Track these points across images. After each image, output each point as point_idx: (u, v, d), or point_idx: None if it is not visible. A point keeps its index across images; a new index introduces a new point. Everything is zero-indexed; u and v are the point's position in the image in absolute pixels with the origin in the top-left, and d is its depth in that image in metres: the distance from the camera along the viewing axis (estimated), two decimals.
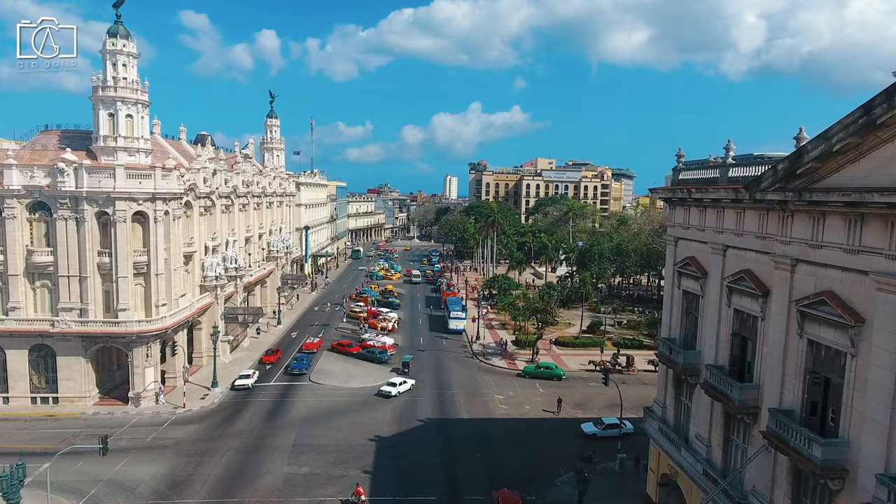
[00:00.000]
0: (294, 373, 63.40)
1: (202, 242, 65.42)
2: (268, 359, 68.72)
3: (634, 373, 66.53)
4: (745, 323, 26.87)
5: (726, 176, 28.46)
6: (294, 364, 65.16)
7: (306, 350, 71.69)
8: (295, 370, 63.78)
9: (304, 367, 64.34)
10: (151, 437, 47.33)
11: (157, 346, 54.30)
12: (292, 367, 64.65)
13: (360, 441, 47.35)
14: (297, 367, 64.33)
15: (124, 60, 53.44)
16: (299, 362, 65.43)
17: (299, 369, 63.73)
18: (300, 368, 63.95)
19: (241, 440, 47.21)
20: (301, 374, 63.03)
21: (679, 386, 33.15)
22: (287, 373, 64.09)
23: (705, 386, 28.23)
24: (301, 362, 65.39)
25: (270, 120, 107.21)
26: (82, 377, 53.20)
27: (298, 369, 63.75)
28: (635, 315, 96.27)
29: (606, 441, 47.40)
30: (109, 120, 53.00)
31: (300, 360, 66.22)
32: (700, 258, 30.57)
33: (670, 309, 34.27)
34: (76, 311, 52.54)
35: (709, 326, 29.40)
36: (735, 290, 27.04)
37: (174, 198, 56.56)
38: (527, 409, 55.59)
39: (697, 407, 30.58)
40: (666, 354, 32.64)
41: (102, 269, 52.77)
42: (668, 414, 34.24)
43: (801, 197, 21.36)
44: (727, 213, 27.88)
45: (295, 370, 63.78)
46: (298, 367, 64.27)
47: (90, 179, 51.39)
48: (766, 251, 24.59)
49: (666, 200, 34.44)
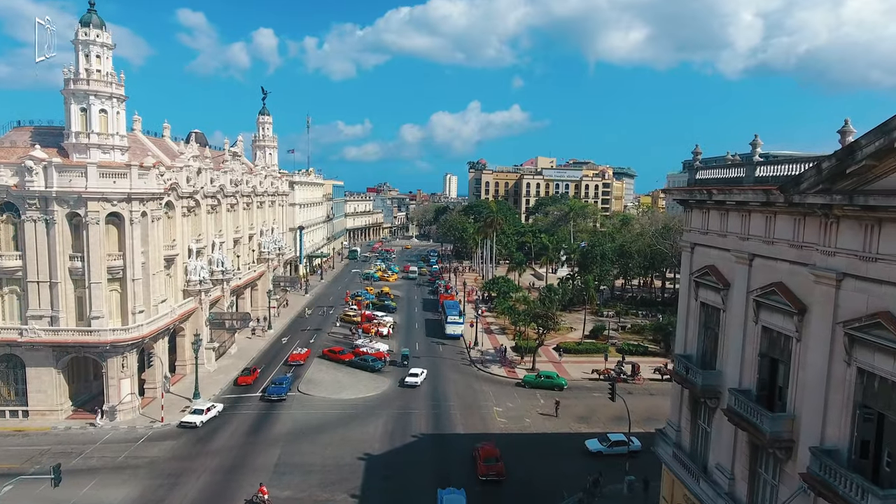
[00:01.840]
0: (272, 398, 55.45)
1: (185, 245, 62.09)
2: (244, 380, 61.16)
3: (640, 382, 63.29)
4: (775, 343, 23.61)
5: (753, 175, 25.17)
6: (272, 389, 56.97)
7: (292, 361, 66.95)
8: (273, 395, 55.72)
9: (283, 391, 56.53)
10: (124, 456, 44.09)
11: (133, 355, 51.04)
12: (270, 391, 56.57)
13: (349, 459, 44.12)
14: (275, 391, 56.34)
15: (98, 51, 50.18)
16: (278, 386, 57.36)
17: (278, 394, 55.84)
18: (279, 393, 55.95)
19: (221, 459, 43.98)
20: (280, 399, 55.40)
21: (696, 408, 29.90)
22: (264, 399, 55.93)
23: (729, 413, 24.97)
24: (280, 386, 57.34)
25: (262, 117, 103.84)
26: (54, 389, 50.00)
27: (277, 394, 55.84)
28: (639, 319, 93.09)
29: (612, 459, 44.27)
30: (82, 115, 49.71)
31: (279, 383, 58.15)
32: (721, 267, 27.31)
33: (686, 322, 31.02)
34: (46, 319, 49.33)
35: (732, 344, 26.14)
36: (764, 305, 23.79)
37: (153, 198, 53.29)
38: (527, 422, 52.35)
39: (718, 433, 27.34)
40: (682, 373, 29.38)
41: (74, 273, 49.54)
42: (683, 438, 30.99)
43: (851, 201, 18.10)
44: (754, 218, 24.62)
45: (273, 395, 55.72)
46: (277, 391, 56.33)
47: (60, 178, 48.16)
48: (802, 262, 21.33)
49: (681, 202, 31.19)
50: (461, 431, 49.60)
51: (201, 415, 50.53)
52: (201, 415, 50.53)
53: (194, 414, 50.64)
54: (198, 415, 50.49)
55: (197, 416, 50.39)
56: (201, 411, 50.84)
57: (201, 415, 50.53)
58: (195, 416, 50.38)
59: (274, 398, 55.35)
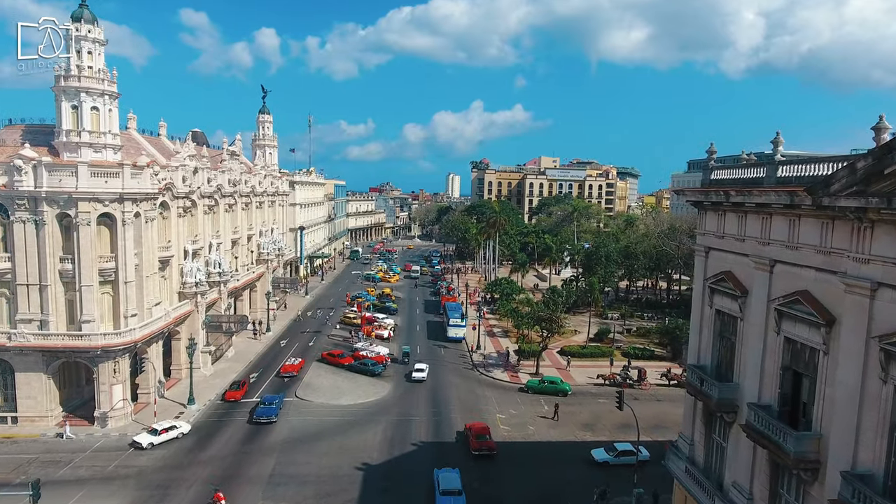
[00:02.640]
0: (261, 421, 50.14)
1: (181, 246, 60.63)
2: (232, 395, 56.23)
3: (647, 388, 61.64)
4: (799, 355, 22.02)
5: (774, 176, 23.57)
6: (261, 410, 51.38)
7: (285, 373, 63.00)
8: (262, 417, 50.42)
9: (273, 411, 51.20)
10: (114, 465, 42.61)
11: (125, 360, 49.58)
12: (259, 413, 51.03)
13: (346, 469, 42.59)
14: (264, 413, 50.90)
15: (90, 47, 48.68)
16: (268, 407, 51.79)
17: (268, 416, 50.57)
18: (269, 415, 50.69)
19: (213, 468, 42.46)
20: (270, 422, 50.19)
21: (710, 422, 28.31)
22: (253, 421, 50.43)
23: (747, 429, 23.37)
24: (270, 406, 51.83)
25: (262, 115, 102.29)
26: (44, 395, 48.55)
27: (267, 416, 50.55)
28: (644, 321, 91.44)
29: (620, 469, 42.72)
30: (73, 113, 48.21)
31: (269, 402, 52.59)
32: (739, 273, 25.70)
33: (699, 330, 29.40)
34: (36, 323, 47.88)
35: (750, 356, 24.54)
36: (787, 314, 22.18)
37: (147, 198, 51.84)
38: (531, 430, 50.75)
39: (735, 450, 25.73)
40: (695, 385, 27.76)
41: (65, 276, 48.09)
42: (696, 453, 29.37)
43: (890, 204, 16.49)
44: (776, 221, 23.00)
45: (262, 417, 50.42)
46: (267, 412, 50.95)
47: (50, 178, 46.71)
48: (831, 269, 19.74)
49: (695, 204, 29.58)
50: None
51: (155, 435, 46.02)
52: (155, 435, 46.02)
53: (149, 434, 46.21)
54: (152, 435, 46.03)
55: (151, 436, 45.98)
56: (157, 431, 46.35)
57: (155, 435, 46.02)
58: (148, 436, 45.97)
59: (263, 420, 50.15)
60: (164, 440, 46.24)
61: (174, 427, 47.62)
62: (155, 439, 45.91)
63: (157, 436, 46.21)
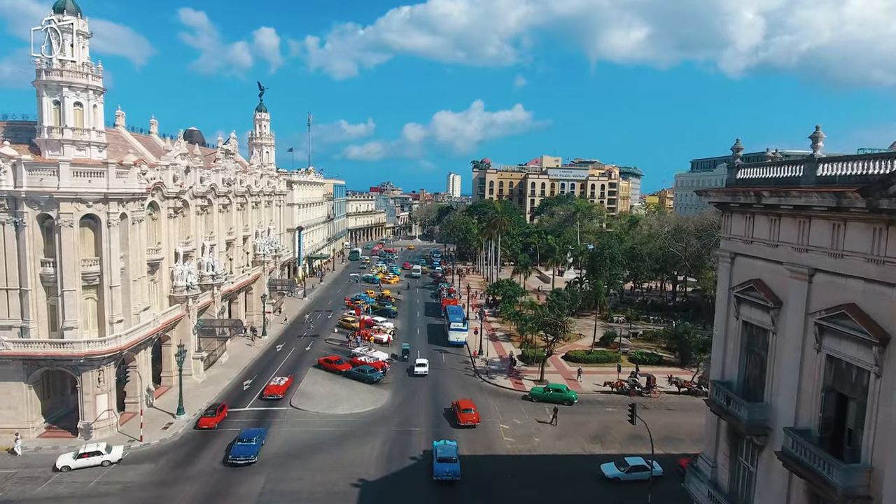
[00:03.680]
0: (238, 462, 42.49)
1: (171, 248, 58.28)
2: (207, 421, 49.37)
3: (656, 395, 59.23)
4: (844, 376, 19.64)
5: (814, 175, 21.19)
6: (238, 448, 43.51)
7: (269, 395, 55.88)
8: (239, 458, 42.61)
9: (253, 450, 43.38)
10: (96, 482, 40.20)
11: (111, 369, 47.24)
12: (235, 452, 43.14)
13: (341, 486, 40.19)
14: (241, 452, 43.07)
15: (73, 40, 46.32)
16: (246, 444, 43.83)
17: (245, 457, 42.70)
18: (247, 455, 42.80)
19: (200, 486, 40.05)
20: (248, 463, 42.66)
21: (736, 443, 25.90)
22: (229, 462, 42.77)
23: (784, 456, 20.99)
24: (249, 444, 43.91)
25: (259, 113, 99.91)
26: (24, 405, 46.19)
27: (245, 457, 42.69)
28: (650, 324, 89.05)
29: (632, 486, 40.33)
30: (55, 109, 45.86)
31: (248, 439, 44.51)
32: (770, 282, 23.30)
33: (724, 343, 26.98)
34: (16, 330, 45.58)
35: (785, 374, 22.15)
36: (829, 330, 19.79)
37: (134, 198, 49.49)
38: (536, 442, 48.34)
39: (766, 477, 23.34)
40: (721, 404, 25.35)
41: (46, 280, 45.77)
42: (720, 476, 26.96)
43: None
44: (816, 225, 20.59)
45: (239, 458, 42.61)
46: (245, 452, 43.10)
47: (30, 177, 44.36)
48: (885, 281, 17.38)
49: (719, 205, 27.15)
50: (465, 453, 45.41)
51: (77, 459, 41.54)
52: (77, 459, 41.54)
53: (71, 457, 41.80)
54: (74, 458, 41.61)
55: (67, 457, 41.70)
56: (81, 455, 41.85)
57: (77, 459, 41.54)
58: (65, 457, 41.82)
59: (240, 461, 42.43)
60: (83, 466, 41.40)
61: (99, 453, 42.27)
62: (74, 462, 41.37)
63: (79, 459, 41.64)
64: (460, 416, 51.39)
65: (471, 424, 50.85)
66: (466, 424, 50.71)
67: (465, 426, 50.40)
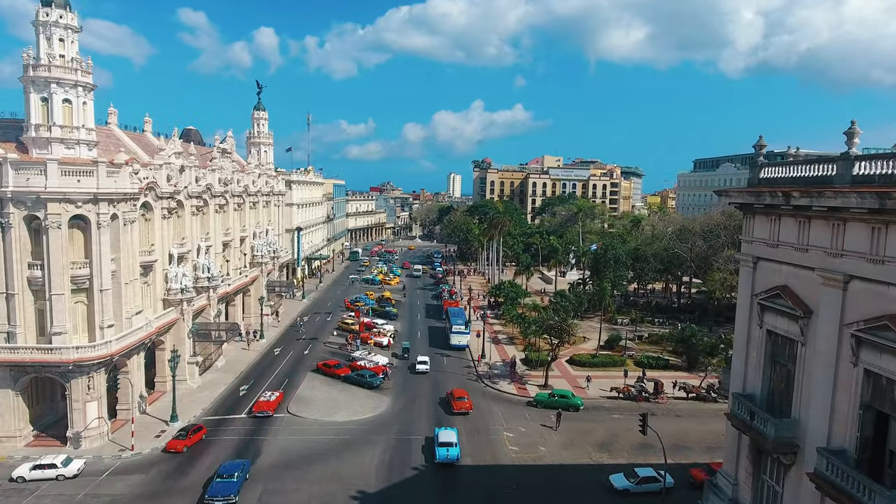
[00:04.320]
0: (216, 501, 37.13)
1: (165, 250, 56.66)
2: (174, 444, 44.81)
3: (664, 401, 57.55)
4: (884, 392, 18.07)
5: (849, 174, 19.58)
6: (218, 485, 38.15)
7: (258, 412, 51.37)
8: (217, 497, 37.22)
9: (233, 488, 38.05)
10: (84, 494, 38.54)
11: (101, 375, 45.60)
12: (214, 490, 37.80)
13: (341, 498, 38.55)
14: (221, 490, 37.76)
15: (62, 34, 44.76)
16: (226, 481, 38.49)
17: (224, 496, 37.37)
18: (226, 495, 37.47)
19: (193, 497, 38.42)
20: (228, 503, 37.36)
21: (759, 460, 24.30)
22: (206, 501, 37.27)
23: (817, 479, 19.41)
24: (230, 480, 38.58)
25: (257, 112, 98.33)
26: (11, 413, 44.55)
27: (224, 496, 37.36)
28: (656, 327, 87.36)
29: (642, 498, 38.67)
30: (43, 106, 44.27)
31: (228, 475, 39.14)
32: (799, 289, 21.71)
33: (745, 353, 25.39)
34: (2, 335, 43.93)
35: (817, 388, 20.55)
36: (867, 342, 18.24)
37: (125, 198, 47.86)
38: (542, 451, 46.64)
39: (794, 498, 21.74)
40: (744, 419, 23.76)
41: (34, 283, 44.15)
42: (741, 495, 25.35)
43: None
44: (852, 228, 19.01)
45: (217, 497, 37.22)
46: (224, 490, 37.77)
47: (17, 177, 42.69)
48: None
49: (741, 206, 25.51)
50: (468, 463, 43.90)
51: (33, 470, 39.68)
52: (33, 470, 39.68)
53: (27, 468, 39.91)
54: (29, 469, 39.71)
55: (24, 468, 39.81)
56: (37, 467, 39.92)
57: (33, 470, 39.68)
58: (22, 468, 39.94)
59: (219, 501, 37.16)
60: (37, 478, 39.54)
61: (54, 466, 40.12)
62: (30, 474, 39.61)
63: (34, 471, 39.79)
64: (454, 403, 53.92)
65: (464, 411, 53.10)
66: (460, 412, 52.93)
67: (458, 413, 52.72)
